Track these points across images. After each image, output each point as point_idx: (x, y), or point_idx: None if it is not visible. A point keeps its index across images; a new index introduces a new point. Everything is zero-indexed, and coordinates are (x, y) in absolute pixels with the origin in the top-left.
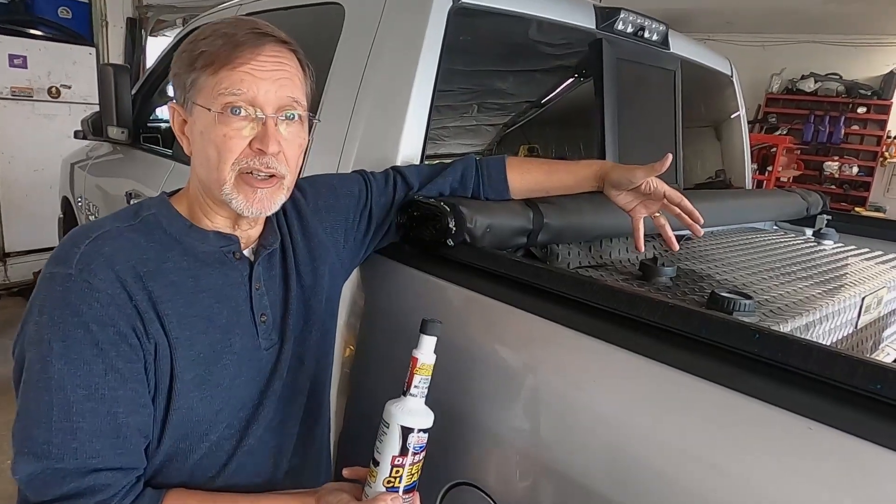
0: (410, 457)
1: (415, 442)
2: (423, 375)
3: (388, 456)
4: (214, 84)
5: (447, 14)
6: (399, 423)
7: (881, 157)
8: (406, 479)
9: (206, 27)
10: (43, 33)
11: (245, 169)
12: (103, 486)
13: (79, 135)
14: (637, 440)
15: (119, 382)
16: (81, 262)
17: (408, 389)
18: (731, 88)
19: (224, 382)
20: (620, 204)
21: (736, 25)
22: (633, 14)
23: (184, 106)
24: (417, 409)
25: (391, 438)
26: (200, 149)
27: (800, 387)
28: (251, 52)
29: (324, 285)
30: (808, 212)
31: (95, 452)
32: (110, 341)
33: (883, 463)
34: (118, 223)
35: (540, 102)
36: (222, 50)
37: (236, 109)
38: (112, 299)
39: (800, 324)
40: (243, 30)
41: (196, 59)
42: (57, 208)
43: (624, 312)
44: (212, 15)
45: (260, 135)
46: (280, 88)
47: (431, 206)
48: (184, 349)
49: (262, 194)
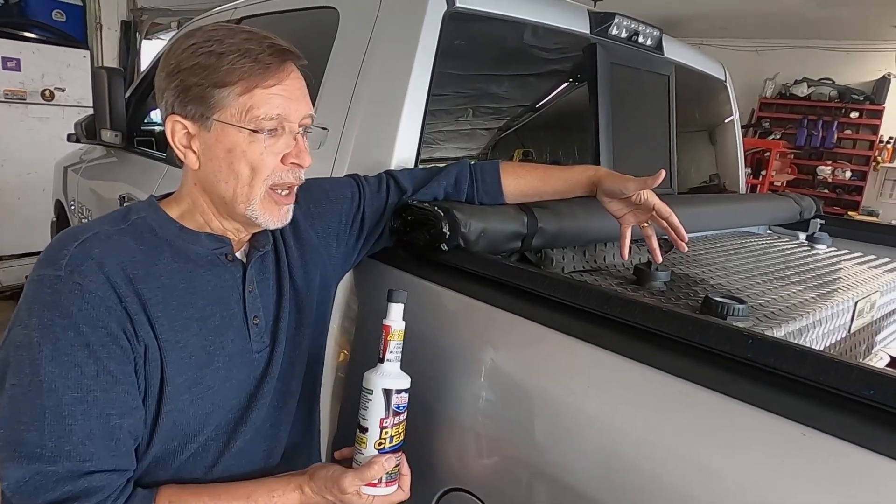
0: (394, 417)
1: (397, 402)
2: (397, 341)
3: (376, 419)
4: (247, 105)
5: (441, 18)
6: (381, 387)
7: (874, 161)
8: (394, 439)
9: (215, 40)
10: (37, 36)
11: (278, 184)
12: (97, 488)
13: (72, 138)
14: (631, 445)
15: (111, 384)
16: (71, 264)
17: (384, 356)
18: (724, 93)
19: (215, 385)
20: (611, 211)
21: (730, 31)
22: (626, 19)
23: (195, 121)
24: (395, 372)
25: (376, 403)
26: (226, 166)
27: (793, 392)
28: (281, 72)
29: (316, 289)
30: (802, 216)
31: (89, 455)
32: (101, 343)
33: (876, 469)
34: (107, 226)
35: (535, 107)
36: (254, 71)
37: (273, 130)
38: (102, 301)
39: (793, 328)
40: (265, 46)
41: (223, 77)
42: (50, 211)
43: (617, 317)
44: (206, 18)
45: (294, 151)
46: (303, 105)
47: (426, 210)
48: (175, 351)
49: (286, 209)
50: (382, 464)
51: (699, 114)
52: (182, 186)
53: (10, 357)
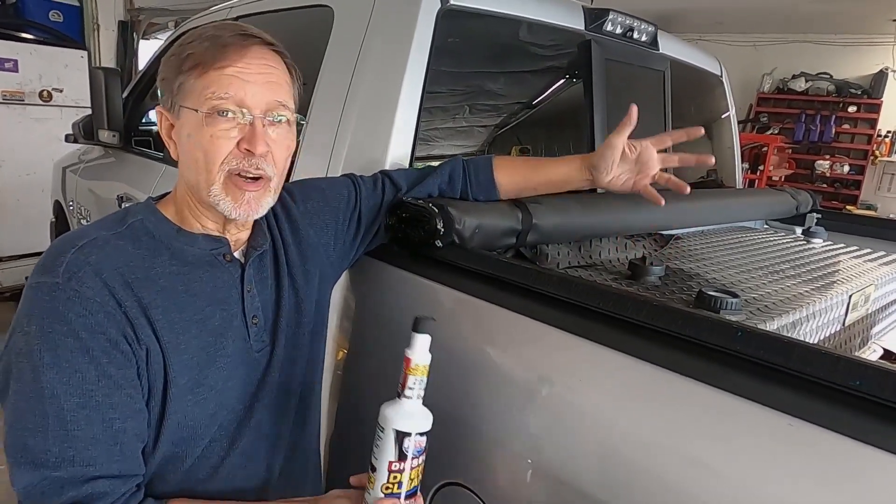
0: (409, 461)
1: (412, 446)
2: (418, 376)
3: (384, 462)
4: (202, 87)
5: (436, 16)
6: (394, 427)
7: (872, 155)
8: (406, 485)
9: (193, 31)
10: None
11: (234, 170)
12: (101, 493)
13: (69, 138)
14: (625, 439)
15: (113, 389)
16: (68, 270)
17: (402, 391)
18: (721, 88)
19: (218, 385)
20: (618, 186)
21: (727, 26)
22: (621, 15)
23: (171, 110)
24: (413, 411)
25: (386, 443)
26: (188, 151)
27: (781, 384)
28: (238, 54)
29: (314, 288)
30: (798, 210)
31: (92, 460)
32: (101, 348)
33: (862, 459)
34: (104, 231)
35: (531, 104)
36: (209, 52)
37: (224, 111)
38: (101, 307)
39: (787, 321)
40: (229, 32)
41: (183, 63)
42: (49, 212)
43: (611, 312)
44: (203, 18)
45: (248, 136)
46: (267, 91)
47: (420, 207)
48: (176, 353)
49: (250, 196)
50: None
51: (695, 109)
52: (176, 183)
53: (11, 364)
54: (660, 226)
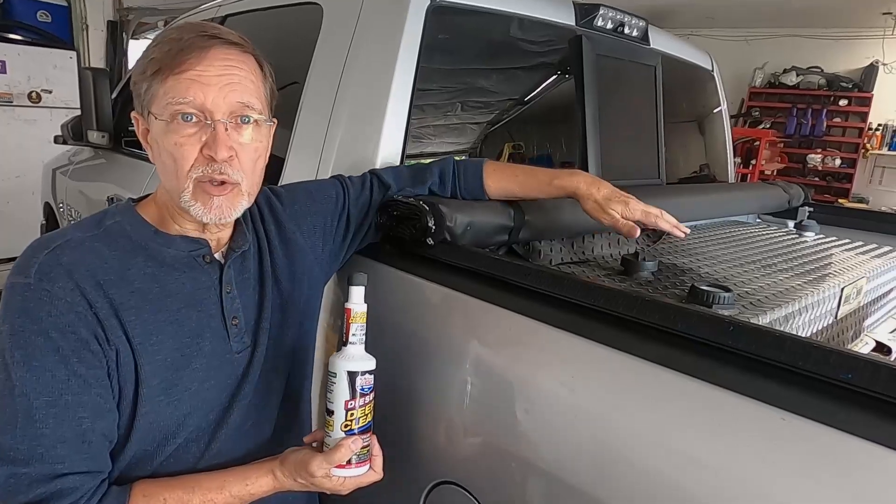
0: (360, 398)
1: (362, 384)
2: (359, 323)
3: (340, 401)
4: (163, 92)
5: (425, 13)
6: (345, 370)
7: (863, 148)
8: (361, 420)
9: (161, 33)
10: (22, 38)
11: (201, 177)
12: (70, 489)
13: (58, 140)
14: (617, 434)
15: (82, 388)
16: (40, 271)
17: (346, 339)
18: (712, 83)
19: (193, 386)
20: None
21: (718, 20)
22: (612, 10)
23: (142, 114)
24: (359, 354)
25: (340, 386)
26: (158, 157)
27: (773, 378)
28: (197, 57)
29: (302, 289)
30: (790, 204)
31: (61, 458)
32: (71, 348)
33: (853, 451)
34: (80, 233)
35: (523, 100)
36: (168, 56)
37: (186, 116)
38: (71, 307)
39: (779, 315)
40: (190, 34)
41: (147, 67)
42: (39, 214)
43: (602, 308)
44: (191, 17)
45: (209, 141)
46: (230, 93)
47: (411, 205)
48: (149, 355)
49: (219, 202)
50: (349, 445)
51: (687, 104)
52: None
53: None
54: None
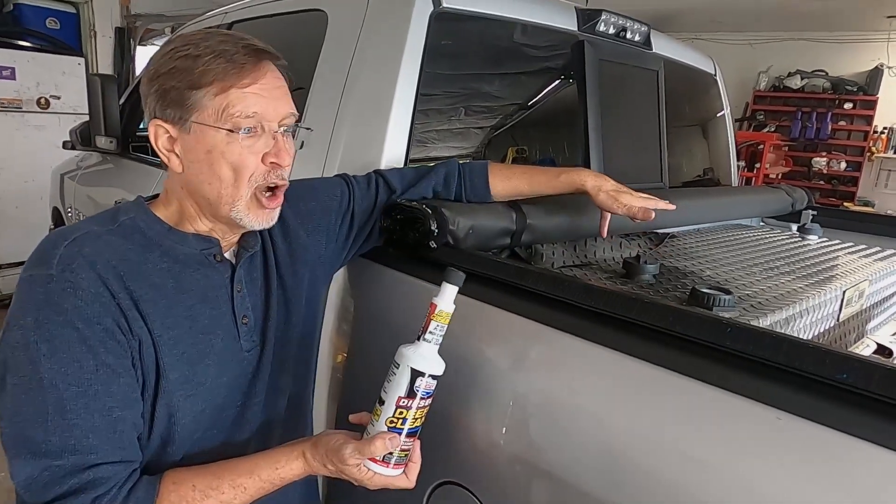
0: (417, 400)
1: (423, 387)
2: (440, 322)
3: (394, 396)
4: (224, 105)
5: (428, 19)
6: (409, 365)
7: (868, 151)
8: (410, 423)
9: (192, 43)
10: (31, 44)
11: (261, 186)
12: (103, 479)
13: (67, 145)
14: (619, 435)
15: (111, 377)
16: (62, 262)
17: (423, 334)
18: (715, 87)
19: (207, 382)
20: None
21: (723, 24)
22: (614, 15)
23: (175, 124)
24: (429, 354)
25: (400, 379)
26: (207, 167)
27: (770, 378)
28: (257, 72)
29: (305, 287)
30: (794, 207)
31: (93, 448)
32: (98, 338)
33: (848, 451)
34: (96, 226)
35: (526, 105)
36: (229, 71)
37: (249, 129)
38: (95, 297)
39: (780, 318)
40: (240, 47)
41: (198, 79)
42: (47, 219)
43: (602, 310)
44: (198, 23)
45: (274, 150)
46: (281, 104)
47: (414, 208)
48: (168, 348)
49: (273, 213)
50: (386, 442)
51: (690, 108)
52: (168, 190)
53: (8, 358)
54: (655, 224)
